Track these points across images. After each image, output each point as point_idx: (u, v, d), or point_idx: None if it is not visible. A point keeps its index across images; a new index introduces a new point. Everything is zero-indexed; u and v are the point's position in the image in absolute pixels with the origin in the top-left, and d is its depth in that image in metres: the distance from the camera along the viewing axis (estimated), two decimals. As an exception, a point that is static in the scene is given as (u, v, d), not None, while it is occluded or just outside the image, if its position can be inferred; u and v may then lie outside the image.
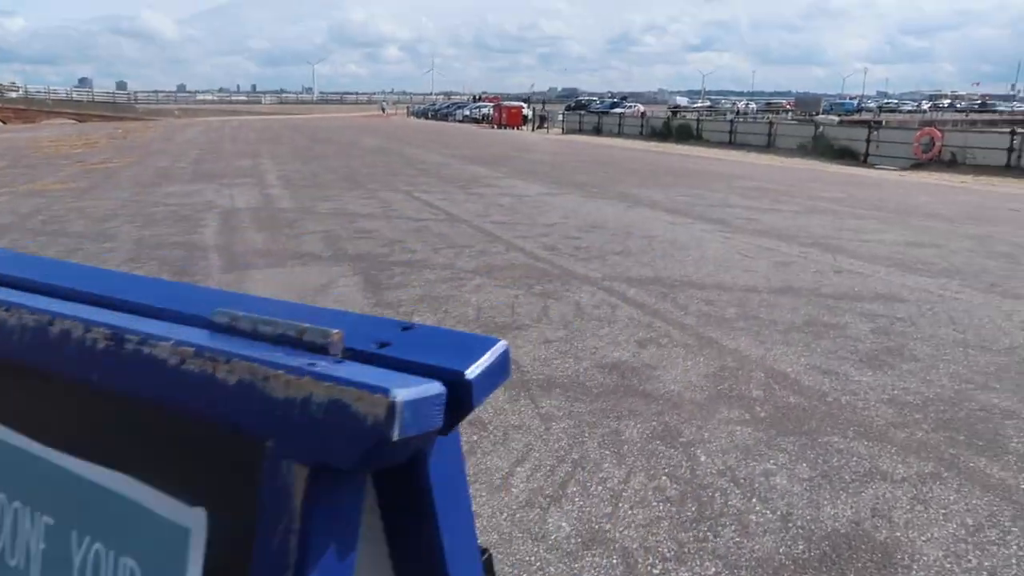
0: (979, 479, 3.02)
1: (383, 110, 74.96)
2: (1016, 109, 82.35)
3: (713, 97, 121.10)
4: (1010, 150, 17.95)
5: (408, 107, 77.74)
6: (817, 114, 62.02)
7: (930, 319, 5.16)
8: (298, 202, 10.58)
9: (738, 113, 63.39)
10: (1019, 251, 7.75)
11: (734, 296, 5.74)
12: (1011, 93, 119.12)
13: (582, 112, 47.11)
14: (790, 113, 65.76)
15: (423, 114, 64.44)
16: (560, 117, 44.78)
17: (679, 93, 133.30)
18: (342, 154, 19.74)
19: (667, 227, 8.86)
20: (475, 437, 3.33)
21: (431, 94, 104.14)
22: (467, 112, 56.01)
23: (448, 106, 66.90)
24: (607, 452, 3.22)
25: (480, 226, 8.77)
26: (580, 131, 39.10)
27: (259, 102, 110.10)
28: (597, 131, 37.56)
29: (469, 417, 0.52)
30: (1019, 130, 18.51)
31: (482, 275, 6.36)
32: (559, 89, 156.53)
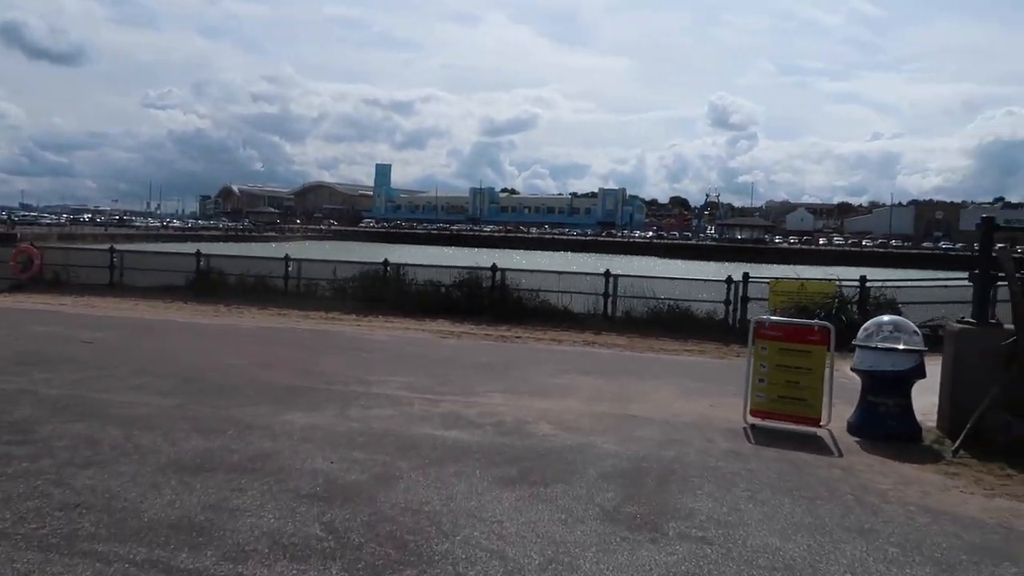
0: None
1: None
2: (151, 224, 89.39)
3: None
4: (111, 268, 17.54)
5: None
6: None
7: None
8: None
9: None
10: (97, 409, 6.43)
11: None
12: (149, 210, 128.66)
13: None
14: None
15: None
16: None
17: None
18: None
19: None
20: None
21: None
22: None
23: None
24: None
25: None
26: None
27: None
28: None
29: None
30: (118, 248, 18.39)
31: None
32: None
